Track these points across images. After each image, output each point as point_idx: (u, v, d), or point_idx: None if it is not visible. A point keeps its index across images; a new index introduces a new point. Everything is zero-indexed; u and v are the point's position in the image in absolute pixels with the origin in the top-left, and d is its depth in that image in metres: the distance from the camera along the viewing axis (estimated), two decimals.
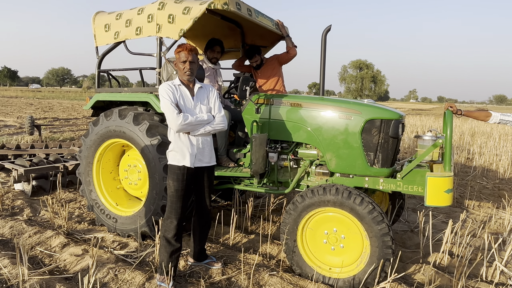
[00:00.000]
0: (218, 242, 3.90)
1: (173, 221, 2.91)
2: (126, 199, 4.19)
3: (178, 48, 2.85)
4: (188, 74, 2.86)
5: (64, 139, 10.67)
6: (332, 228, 3.05)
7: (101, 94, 4.13)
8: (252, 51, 4.43)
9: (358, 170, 3.33)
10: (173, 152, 2.90)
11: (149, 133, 3.59)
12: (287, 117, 3.63)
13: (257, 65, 4.49)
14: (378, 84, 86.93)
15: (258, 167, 3.57)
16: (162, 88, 2.84)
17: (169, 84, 2.87)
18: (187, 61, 2.83)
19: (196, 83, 2.99)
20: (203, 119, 2.87)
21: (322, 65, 4.05)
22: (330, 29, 4.06)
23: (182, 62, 2.85)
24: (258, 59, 4.46)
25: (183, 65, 2.85)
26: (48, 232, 3.86)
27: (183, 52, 2.82)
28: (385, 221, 2.82)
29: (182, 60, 2.84)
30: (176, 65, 2.90)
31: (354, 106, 3.33)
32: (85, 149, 4.08)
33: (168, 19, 3.50)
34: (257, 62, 4.47)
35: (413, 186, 3.17)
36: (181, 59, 2.83)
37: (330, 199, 2.95)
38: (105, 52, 4.16)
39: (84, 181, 4.16)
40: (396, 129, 3.24)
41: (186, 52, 2.82)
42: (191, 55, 2.84)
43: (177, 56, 2.88)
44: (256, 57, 4.44)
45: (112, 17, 3.95)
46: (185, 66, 2.84)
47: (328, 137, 3.41)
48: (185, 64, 2.84)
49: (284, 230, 3.17)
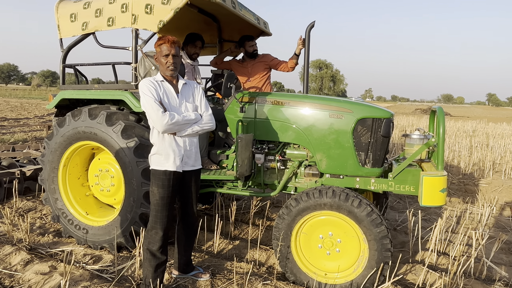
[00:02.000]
0: (202, 250, 3.65)
1: (158, 232, 2.63)
2: (96, 207, 3.82)
3: (159, 41, 2.57)
4: (171, 69, 2.59)
5: (16, 141, 9.77)
6: (327, 232, 2.92)
7: (67, 91, 3.71)
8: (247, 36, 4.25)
9: (349, 170, 3.24)
10: (156, 155, 2.63)
11: (125, 134, 3.27)
12: (274, 116, 3.46)
13: (251, 54, 4.27)
14: (337, 83, 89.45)
15: (243, 169, 3.36)
16: (144, 84, 2.55)
17: (150, 80, 2.59)
18: (169, 55, 2.56)
19: (180, 79, 2.73)
20: (191, 118, 2.62)
21: (306, 62, 3.90)
22: (314, 25, 3.93)
23: (164, 56, 2.57)
24: (255, 44, 4.26)
25: (165, 59, 2.58)
26: (6, 248, 3.41)
27: (165, 44, 2.55)
28: (383, 224, 2.74)
29: (164, 54, 2.56)
30: (157, 59, 2.62)
31: (345, 105, 3.23)
32: (49, 152, 3.65)
33: (146, 9, 3.19)
34: (255, 47, 4.25)
35: (405, 186, 3.12)
36: (163, 52, 2.56)
37: (327, 202, 2.82)
38: (71, 44, 3.74)
39: (48, 188, 3.73)
40: (388, 128, 3.18)
41: (169, 44, 2.55)
42: (174, 48, 2.57)
43: (158, 50, 2.59)
44: (254, 41, 4.25)
45: (79, 6, 3.56)
46: (168, 60, 2.57)
47: (318, 136, 3.28)
48: (168, 58, 2.57)
49: (277, 236, 2.99)
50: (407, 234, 4.24)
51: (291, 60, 4.23)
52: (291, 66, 4.25)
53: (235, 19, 4.34)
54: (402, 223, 4.57)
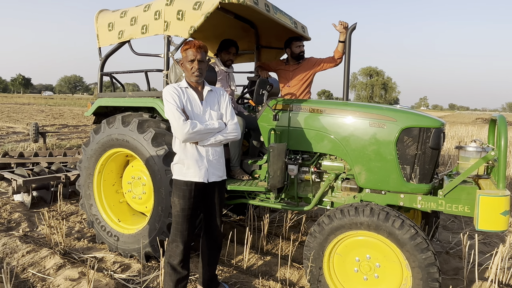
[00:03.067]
0: (231, 264, 3.48)
1: (179, 245, 2.51)
2: (129, 215, 3.82)
3: (185, 46, 2.48)
4: (196, 75, 2.48)
5: (71, 147, 10.41)
6: (364, 254, 2.61)
7: (103, 99, 3.78)
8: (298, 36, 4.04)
9: (392, 185, 2.90)
10: (178, 165, 2.52)
11: (155, 142, 3.22)
12: (309, 125, 3.22)
13: (301, 55, 4.06)
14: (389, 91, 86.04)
15: (275, 181, 3.16)
16: (167, 91, 2.46)
17: (174, 86, 2.50)
18: (195, 60, 2.46)
19: (206, 86, 2.61)
20: (214, 127, 2.48)
21: (346, 67, 3.62)
22: (355, 27, 3.66)
23: (189, 61, 2.47)
24: (302, 46, 4.04)
25: (190, 64, 2.47)
26: (43, 251, 3.50)
27: (191, 49, 2.45)
28: (430, 249, 2.38)
29: (189, 59, 2.46)
30: (183, 64, 2.53)
31: (387, 113, 2.91)
32: (85, 159, 3.73)
33: (177, 15, 3.15)
34: (302, 48, 4.03)
35: (458, 205, 2.72)
36: (189, 57, 2.46)
37: (364, 221, 2.52)
38: (109, 53, 3.82)
39: (84, 194, 3.80)
40: (437, 139, 2.80)
41: (194, 49, 2.44)
42: (200, 53, 2.46)
43: (183, 55, 2.50)
44: (301, 43, 4.03)
45: (117, 15, 3.62)
46: (193, 66, 2.47)
47: (357, 147, 2.98)
48: (193, 63, 2.47)
49: (308, 256, 2.74)
50: (461, 259, 3.74)
51: (336, 50, 3.91)
52: (337, 56, 3.91)
53: (272, 24, 4.18)
54: (456, 245, 4.06)
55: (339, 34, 3.72)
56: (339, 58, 3.86)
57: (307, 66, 4.03)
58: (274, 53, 4.77)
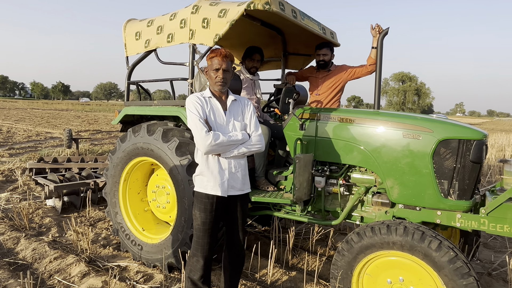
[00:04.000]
0: (254, 278, 3.37)
1: (199, 260, 2.43)
2: (154, 223, 3.80)
3: (211, 54, 2.42)
4: (220, 84, 2.41)
5: (103, 152, 10.72)
6: (397, 276, 2.41)
7: (129, 107, 3.81)
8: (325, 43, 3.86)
9: (427, 202, 2.69)
10: (200, 176, 2.44)
11: (179, 151, 3.18)
12: (338, 135, 3.07)
13: (323, 64, 3.90)
14: (422, 97, 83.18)
15: (301, 193, 3.02)
16: (190, 100, 2.40)
17: (197, 96, 2.44)
18: (220, 69, 2.39)
19: (230, 95, 2.53)
20: (237, 139, 2.39)
21: (378, 74, 3.44)
22: (388, 32, 3.47)
23: (214, 70, 2.41)
24: (328, 55, 3.84)
25: (215, 73, 2.41)
26: (69, 258, 3.53)
27: (217, 58, 2.38)
28: (472, 274, 2.15)
29: (214, 68, 2.40)
30: (207, 73, 2.47)
31: (423, 123, 2.71)
32: (112, 167, 3.75)
33: (202, 23, 3.11)
34: (325, 58, 3.84)
35: (503, 225, 2.48)
36: (214, 66, 2.40)
37: (397, 241, 2.33)
38: (136, 62, 3.85)
39: (110, 202, 3.83)
40: (479, 152, 2.57)
41: (220, 58, 2.38)
42: (226, 62, 2.39)
43: (209, 63, 2.44)
44: (327, 51, 3.82)
45: (143, 24, 3.64)
46: (218, 75, 2.40)
47: (389, 160, 2.80)
48: (218, 72, 2.40)
49: (335, 275, 2.58)
50: (506, 283, 3.43)
51: (369, 57, 3.69)
52: (370, 63, 3.69)
53: (299, 31, 4.07)
54: (500, 266, 3.73)
55: (372, 39, 3.54)
56: (371, 65, 3.66)
57: (337, 73, 3.86)
58: (302, 60, 4.65)
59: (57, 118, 27.44)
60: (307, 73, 4.10)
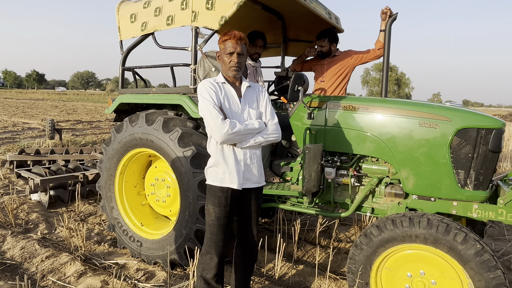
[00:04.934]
0: (261, 273, 3.25)
1: (213, 258, 2.28)
2: (152, 218, 3.61)
3: (224, 36, 2.23)
4: (234, 69, 2.23)
5: (86, 143, 10.31)
6: (418, 269, 2.34)
7: (125, 95, 3.57)
8: (323, 33, 3.70)
9: (444, 192, 2.62)
10: (214, 168, 2.27)
11: (182, 142, 2.99)
12: (348, 124, 2.95)
13: (322, 53, 3.77)
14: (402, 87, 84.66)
15: (311, 185, 2.90)
16: (203, 86, 2.22)
17: (210, 81, 2.25)
18: (234, 53, 2.21)
19: (244, 81, 2.36)
20: (254, 127, 2.23)
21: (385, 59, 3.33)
22: (396, 18, 3.35)
23: (228, 54, 2.22)
24: (326, 47, 3.72)
25: (229, 57, 2.22)
26: (63, 257, 3.31)
27: (230, 41, 2.20)
28: (499, 267, 2.10)
29: (228, 52, 2.21)
30: (220, 57, 2.28)
31: (440, 111, 2.62)
32: (107, 159, 3.52)
33: (207, 4, 2.90)
34: (322, 49, 3.72)
35: None
36: (228, 49, 2.21)
37: (420, 234, 2.25)
38: (131, 46, 3.59)
39: (105, 196, 3.61)
40: (498, 141, 2.51)
41: (234, 41, 2.20)
42: (240, 45, 2.21)
43: (221, 47, 2.26)
44: (325, 42, 3.69)
45: (139, 6, 3.39)
46: (232, 59, 2.22)
47: (404, 149, 2.70)
48: (232, 56, 2.22)
49: (352, 270, 2.48)
50: (510, 271, 3.45)
51: (377, 40, 3.54)
52: (378, 47, 3.54)
53: (301, 16, 3.91)
54: (503, 255, 3.75)
55: (381, 22, 3.41)
56: (379, 49, 3.53)
57: (343, 59, 3.72)
58: (302, 47, 4.49)
59: (33, 108, 26.35)
60: (309, 55, 3.95)
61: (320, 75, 3.83)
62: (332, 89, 3.79)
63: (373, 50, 3.63)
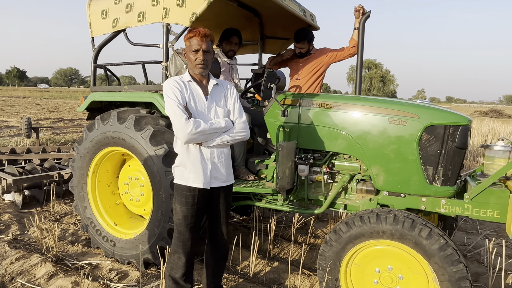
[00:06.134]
0: (236, 271, 3.25)
1: (181, 257, 2.27)
2: (126, 218, 3.57)
3: (189, 33, 2.20)
4: (201, 66, 2.21)
5: (66, 142, 10.11)
6: (385, 265, 2.37)
7: (97, 93, 3.51)
8: (303, 35, 3.71)
9: (413, 188, 2.66)
10: (180, 167, 2.26)
11: (154, 140, 2.96)
12: (321, 121, 2.97)
13: (300, 54, 3.79)
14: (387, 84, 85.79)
15: (284, 182, 2.91)
16: (167, 85, 2.19)
17: (176, 80, 2.23)
18: (200, 50, 2.18)
19: (211, 79, 2.34)
20: (220, 126, 2.22)
21: (359, 59, 3.35)
22: (370, 15, 3.38)
23: (193, 52, 2.20)
24: (305, 48, 3.74)
25: (194, 55, 2.20)
26: (33, 258, 3.25)
27: (195, 38, 2.17)
28: (462, 261, 2.14)
29: (193, 49, 2.19)
30: (186, 55, 2.26)
31: (409, 108, 2.65)
32: (79, 158, 3.46)
33: (178, 1, 2.86)
34: (302, 50, 3.75)
35: (487, 210, 2.49)
36: (193, 47, 2.19)
37: (387, 230, 2.28)
38: (102, 43, 3.52)
39: (77, 195, 3.54)
40: (464, 137, 2.56)
41: (199, 38, 2.17)
42: (206, 42, 2.19)
43: (187, 44, 2.23)
44: (304, 44, 3.72)
45: (110, 2, 3.32)
46: (198, 57, 2.19)
47: (374, 146, 2.73)
48: (198, 53, 2.19)
49: (322, 266, 2.50)
50: (481, 264, 3.54)
51: (351, 38, 3.57)
52: (352, 45, 3.57)
53: (277, 13, 3.90)
54: (474, 248, 3.84)
55: (355, 20, 3.43)
56: (353, 47, 3.56)
57: (318, 57, 3.74)
58: (280, 44, 4.49)
59: (14, 105, 25.69)
60: (287, 56, 3.95)
61: (296, 72, 3.84)
62: (307, 86, 3.81)
63: (347, 48, 3.66)
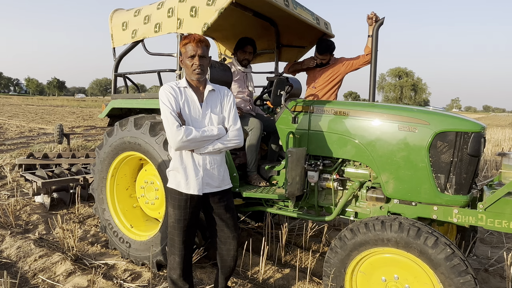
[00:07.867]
0: (246, 276, 3.27)
1: (175, 258, 2.33)
2: (143, 220, 3.69)
3: (184, 40, 2.25)
4: (197, 72, 2.24)
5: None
6: (392, 274, 2.33)
7: (116, 100, 3.68)
8: (326, 47, 3.77)
9: (424, 196, 2.60)
10: (173, 172, 2.32)
11: (167, 146, 3.06)
12: (331, 128, 2.97)
13: (320, 64, 3.85)
14: (419, 93, 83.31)
15: (294, 188, 2.93)
16: (162, 91, 2.24)
17: (171, 85, 2.27)
18: (195, 56, 2.22)
19: (208, 85, 2.36)
20: (212, 134, 2.25)
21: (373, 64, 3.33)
22: (383, 22, 3.36)
23: (189, 57, 2.24)
24: (327, 59, 3.81)
25: (190, 60, 2.24)
26: (55, 256, 3.42)
27: (191, 44, 2.22)
28: (469, 272, 2.07)
29: (189, 55, 2.23)
30: (182, 61, 2.30)
31: (419, 115, 2.61)
32: (99, 162, 3.63)
33: (191, 12, 2.98)
34: (323, 61, 3.81)
35: (502, 221, 2.38)
36: (189, 53, 2.23)
37: (391, 237, 2.24)
38: (123, 53, 3.71)
39: (97, 198, 3.71)
40: (477, 145, 2.48)
41: (194, 43, 2.21)
42: (201, 48, 2.23)
43: (183, 50, 2.27)
44: (327, 56, 3.78)
45: (130, 14, 3.51)
46: (194, 62, 2.23)
47: (384, 153, 2.70)
48: (193, 59, 2.23)
49: (327, 273, 2.48)
50: (503, 279, 3.36)
51: (366, 46, 3.57)
52: (367, 52, 3.57)
53: (293, 22, 3.96)
54: (497, 262, 3.66)
55: (368, 27, 3.42)
56: (368, 54, 3.54)
57: (335, 66, 3.77)
58: (296, 52, 4.53)
59: (52, 114, 27.15)
60: (308, 65, 3.98)
61: (313, 80, 3.87)
62: (323, 94, 3.82)
63: (363, 56, 3.65)
